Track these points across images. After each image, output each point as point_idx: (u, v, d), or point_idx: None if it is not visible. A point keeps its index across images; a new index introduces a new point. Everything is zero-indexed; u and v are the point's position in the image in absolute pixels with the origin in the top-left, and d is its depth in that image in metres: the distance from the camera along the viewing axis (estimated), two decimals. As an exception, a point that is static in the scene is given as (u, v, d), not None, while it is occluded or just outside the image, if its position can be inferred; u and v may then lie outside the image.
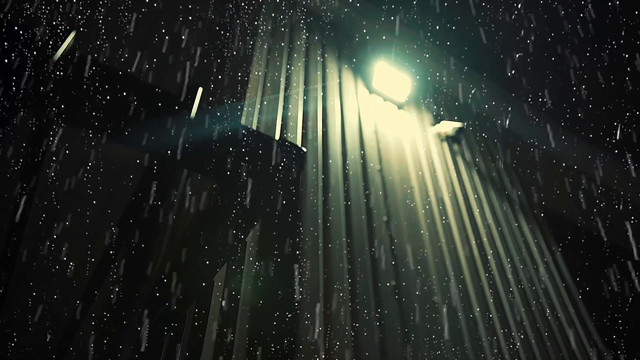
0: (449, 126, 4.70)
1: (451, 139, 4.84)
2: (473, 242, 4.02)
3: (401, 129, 4.43)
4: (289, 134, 3.26)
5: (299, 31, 4.32)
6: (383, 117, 4.36)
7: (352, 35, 4.91)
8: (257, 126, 3.10)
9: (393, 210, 3.60)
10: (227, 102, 2.91)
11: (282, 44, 3.99)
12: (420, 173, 4.20)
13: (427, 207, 3.94)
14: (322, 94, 3.87)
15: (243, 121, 2.98)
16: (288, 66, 3.85)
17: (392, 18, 4.89)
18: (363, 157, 3.77)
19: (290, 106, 3.54)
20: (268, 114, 3.26)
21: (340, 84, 4.20)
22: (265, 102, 3.31)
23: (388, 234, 3.40)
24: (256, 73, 3.51)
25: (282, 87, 3.59)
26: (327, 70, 4.21)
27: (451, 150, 4.78)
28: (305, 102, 3.70)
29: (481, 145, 5.35)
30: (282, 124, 3.30)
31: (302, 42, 4.21)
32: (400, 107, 4.66)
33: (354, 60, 4.63)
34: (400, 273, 3.23)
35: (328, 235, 2.99)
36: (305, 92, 3.76)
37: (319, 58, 4.25)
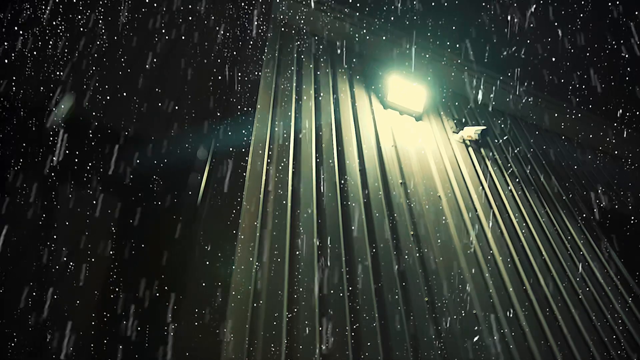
0: (472, 131, 4.55)
1: (476, 144, 4.67)
2: (512, 248, 3.77)
3: (422, 140, 4.34)
4: (302, 155, 3.28)
5: (307, 54, 4.41)
6: (401, 130, 4.30)
7: (361, 52, 4.95)
8: (269, 141, 3.15)
9: (420, 223, 3.47)
10: (237, 117, 3.00)
11: (292, 68, 4.07)
12: (447, 182, 4.06)
13: (458, 216, 3.78)
14: (335, 113, 3.89)
15: (254, 136, 3.05)
16: (297, 87, 3.91)
17: (399, 30, 4.90)
18: (383, 172, 3.70)
19: (303, 124, 3.57)
20: (279, 132, 3.32)
21: (353, 102, 4.21)
22: (275, 123, 3.38)
23: (416, 247, 3.27)
24: (265, 92, 3.58)
25: (293, 107, 3.64)
26: (339, 89, 4.24)
27: (478, 154, 4.61)
28: (317, 121, 3.72)
29: (509, 146, 5.13)
30: (294, 144, 3.33)
31: (311, 64, 4.29)
32: (418, 118, 4.58)
33: (366, 77, 4.65)
34: (433, 287, 3.07)
35: (351, 254, 2.91)
36: (317, 112, 3.79)
37: (329, 78, 4.30)
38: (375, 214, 3.32)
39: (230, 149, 2.72)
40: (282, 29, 4.42)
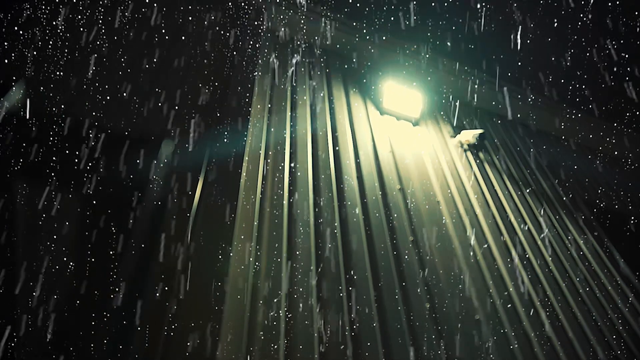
0: (469, 134, 4.59)
1: (474, 147, 4.71)
2: (512, 249, 3.79)
3: (419, 145, 4.38)
4: (299, 159, 3.33)
5: (303, 59, 4.47)
6: (398, 135, 4.35)
7: (357, 58, 5.02)
8: (265, 144, 3.21)
9: (419, 228, 3.49)
10: (233, 119, 3.07)
11: (287, 74, 4.14)
12: (445, 186, 4.09)
13: (457, 220, 3.79)
14: (331, 119, 3.94)
15: (250, 139, 3.10)
16: (292, 93, 3.97)
17: (395, 36, 4.98)
18: (381, 177, 3.74)
19: (300, 130, 3.63)
20: (275, 136, 3.38)
21: (349, 108, 4.27)
22: (271, 127, 3.43)
23: (415, 250, 3.30)
24: (261, 97, 3.63)
25: (289, 112, 3.70)
26: (335, 95, 4.30)
27: (476, 158, 4.64)
28: (313, 127, 3.77)
29: (507, 149, 5.16)
30: (290, 148, 3.38)
31: (307, 70, 4.36)
32: (415, 123, 4.63)
33: (361, 84, 4.71)
34: (433, 288, 3.08)
35: (349, 255, 2.95)
36: (313, 117, 3.85)
37: (325, 84, 4.37)
38: (375, 215, 3.34)
39: (228, 151, 2.80)
40: (278, 34, 4.50)
